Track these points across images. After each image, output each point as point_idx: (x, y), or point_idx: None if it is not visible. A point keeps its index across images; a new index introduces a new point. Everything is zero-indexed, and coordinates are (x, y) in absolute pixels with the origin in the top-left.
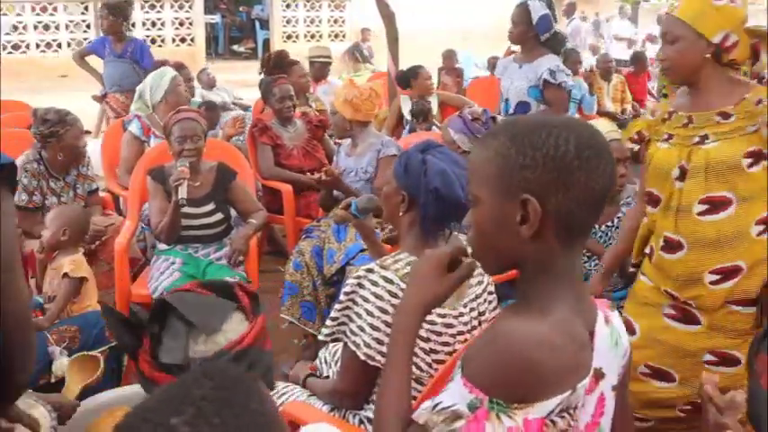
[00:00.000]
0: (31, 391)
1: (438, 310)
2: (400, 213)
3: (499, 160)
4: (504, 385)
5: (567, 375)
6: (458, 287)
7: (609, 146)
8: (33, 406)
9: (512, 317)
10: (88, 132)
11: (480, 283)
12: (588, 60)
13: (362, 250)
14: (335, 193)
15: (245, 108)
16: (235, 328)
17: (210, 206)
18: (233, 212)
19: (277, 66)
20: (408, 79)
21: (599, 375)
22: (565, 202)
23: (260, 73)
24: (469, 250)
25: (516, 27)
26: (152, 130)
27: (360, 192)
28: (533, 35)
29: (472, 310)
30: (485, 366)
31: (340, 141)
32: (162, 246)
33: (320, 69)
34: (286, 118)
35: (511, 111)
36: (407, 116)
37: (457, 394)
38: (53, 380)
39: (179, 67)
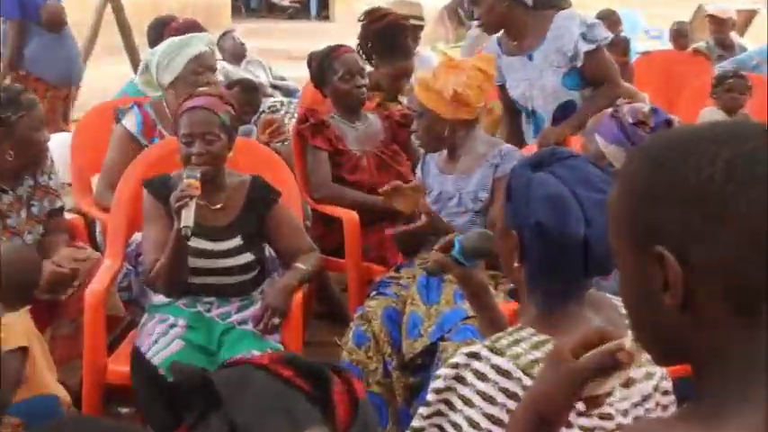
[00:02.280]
0: None
1: (582, 421)
2: (515, 264)
3: (627, 194)
4: None
5: None
6: (588, 382)
7: None
8: None
9: (673, 426)
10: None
11: (649, 376)
12: None
13: (466, 319)
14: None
15: (290, 93)
16: None
17: (236, 241)
18: (269, 251)
19: (387, 37)
20: None
21: None
22: (721, 252)
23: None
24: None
25: (482, 5)
26: (158, 129)
27: (463, 229)
28: (514, 5)
29: (637, 419)
30: None
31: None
32: (158, 299)
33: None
34: (352, 109)
35: (546, 122)
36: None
37: None
38: None
39: (189, 27)
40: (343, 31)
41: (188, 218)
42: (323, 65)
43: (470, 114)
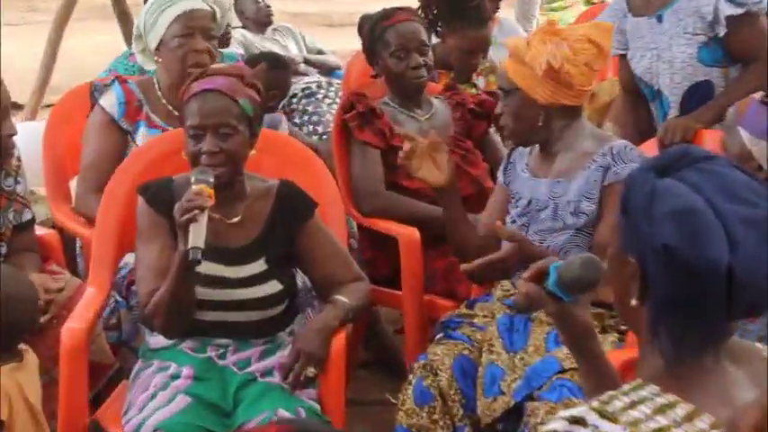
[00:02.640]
0: None
1: None
2: (632, 301)
3: None
4: None
5: None
6: None
7: None
8: None
9: None
10: (18, 107)
11: None
12: None
13: (562, 372)
14: (504, 247)
15: (330, 71)
16: None
17: (259, 265)
18: (302, 280)
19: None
20: None
21: None
22: None
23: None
24: None
25: None
26: (144, 111)
27: (560, 251)
28: None
29: None
30: None
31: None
32: (155, 341)
33: None
34: (410, 95)
35: (671, 110)
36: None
37: None
38: None
39: None
40: None
41: (198, 236)
42: (373, 34)
43: (573, 99)
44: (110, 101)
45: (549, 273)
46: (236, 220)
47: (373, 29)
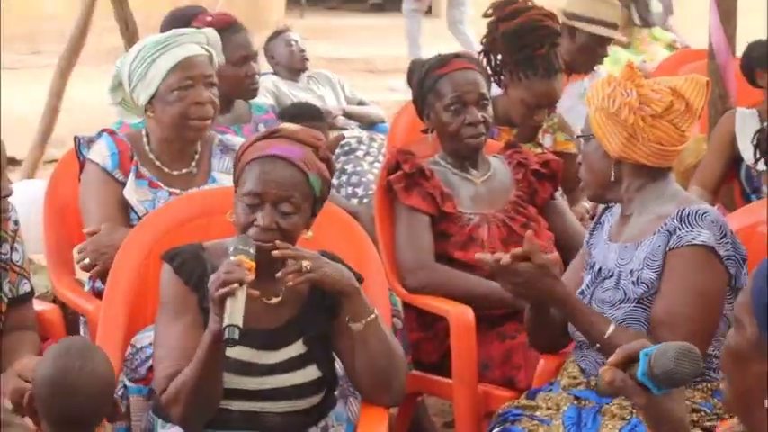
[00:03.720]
0: None
1: None
2: (765, 402)
3: None
4: None
5: None
6: None
7: None
8: None
9: None
10: (15, 163)
11: None
12: None
13: None
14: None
15: (372, 125)
16: None
17: (296, 348)
18: (340, 366)
19: (522, 45)
20: (757, 70)
21: None
22: None
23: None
24: None
25: None
26: (135, 161)
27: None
28: None
29: None
30: None
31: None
32: None
33: (594, 49)
34: (467, 152)
35: None
36: (749, 156)
37: None
38: None
39: (219, 23)
40: None
41: (235, 313)
42: (425, 83)
43: (650, 159)
44: (100, 153)
45: (638, 359)
46: (275, 300)
47: (425, 77)
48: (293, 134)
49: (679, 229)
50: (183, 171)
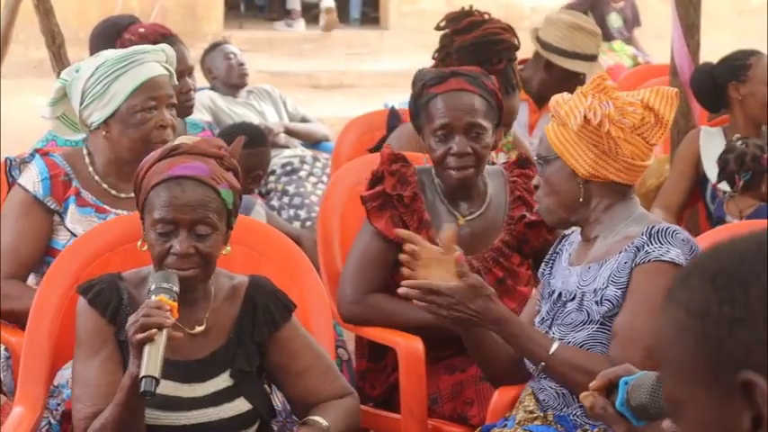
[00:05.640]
0: None
1: None
2: None
3: (693, 324)
4: None
5: None
6: None
7: None
8: None
9: None
10: None
11: None
12: None
13: None
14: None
15: (316, 143)
16: None
17: (222, 381)
18: (278, 399)
19: (479, 60)
20: (723, 87)
21: None
22: None
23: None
24: None
25: None
26: (74, 185)
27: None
28: None
29: None
30: None
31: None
32: None
33: (571, 83)
34: (450, 183)
35: None
36: (711, 173)
37: None
38: None
39: (157, 36)
40: (403, 43)
41: (153, 361)
42: (418, 101)
43: (619, 175)
44: (31, 178)
45: (618, 387)
46: (199, 329)
47: (420, 93)
48: (194, 148)
49: (647, 245)
50: (131, 193)
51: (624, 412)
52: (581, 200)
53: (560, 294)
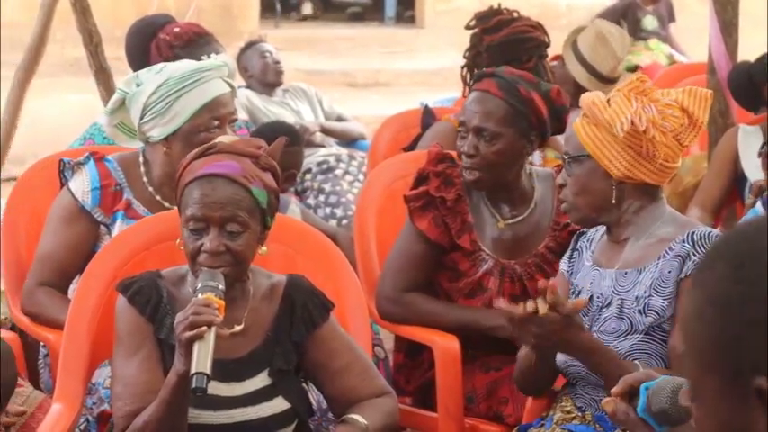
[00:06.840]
0: None
1: None
2: None
3: (713, 314)
4: None
5: None
6: None
7: None
8: None
9: None
10: None
11: None
12: None
13: None
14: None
15: (352, 142)
16: None
17: (261, 380)
18: (315, 398)
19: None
20: (760, 86)
21: None
22: None
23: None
24: None
25: None
26: (125, 198)
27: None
28: None
29: None
30: None
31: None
32: None
33: (580, 89)
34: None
35: None
36: (749, 171)
37: None
38: None
39: (193, 36)
40: (438, 41)
41: (204, 359)
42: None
43: (653, 177)
44: (81, 185)
45: (639, 394)
46: (238, 328)
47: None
48: (230, 147)
49: (694, 254)
50: None
51: (646, 418)
52: (613, 201)
53: (591, 297)
